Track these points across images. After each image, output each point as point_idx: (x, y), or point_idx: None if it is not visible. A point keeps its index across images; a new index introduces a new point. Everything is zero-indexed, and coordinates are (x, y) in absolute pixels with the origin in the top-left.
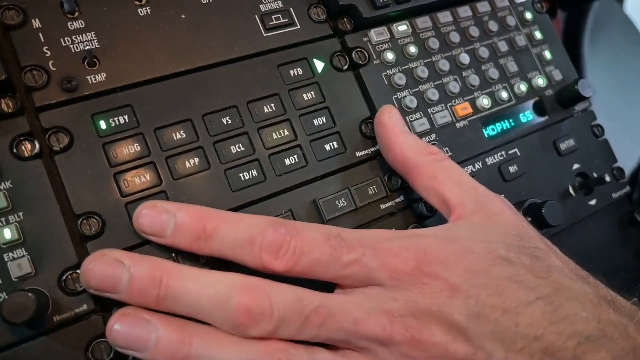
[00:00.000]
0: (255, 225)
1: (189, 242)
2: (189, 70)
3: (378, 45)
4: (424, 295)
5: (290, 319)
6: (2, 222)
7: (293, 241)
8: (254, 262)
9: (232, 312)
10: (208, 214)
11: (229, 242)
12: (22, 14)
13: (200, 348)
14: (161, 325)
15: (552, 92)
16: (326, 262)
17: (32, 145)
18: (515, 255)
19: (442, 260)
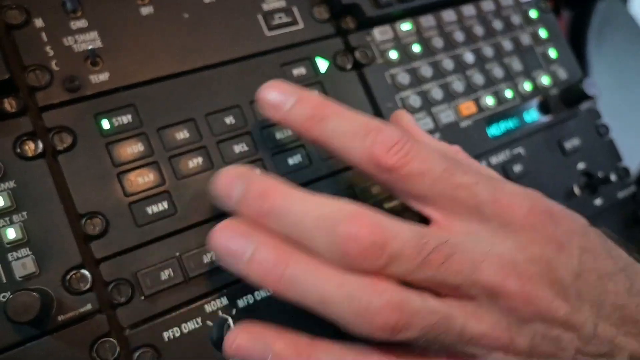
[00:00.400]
0: (372, 122)
1: (303, 119)
2: (192, 69)
3: (381, 45)
4: (533, 243)
5: (407, 255)
6: (6, 222)
7: (409, 144)
8: (361, 154)
9: (338, 238)
10: (329, 104)
11: (341, 129)
12: (24, 13)
13: (296, 271)
14: (260, 241)
15: (557, 91)
16: (436, 175)
17: (35, 145)
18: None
19: (551, 213)
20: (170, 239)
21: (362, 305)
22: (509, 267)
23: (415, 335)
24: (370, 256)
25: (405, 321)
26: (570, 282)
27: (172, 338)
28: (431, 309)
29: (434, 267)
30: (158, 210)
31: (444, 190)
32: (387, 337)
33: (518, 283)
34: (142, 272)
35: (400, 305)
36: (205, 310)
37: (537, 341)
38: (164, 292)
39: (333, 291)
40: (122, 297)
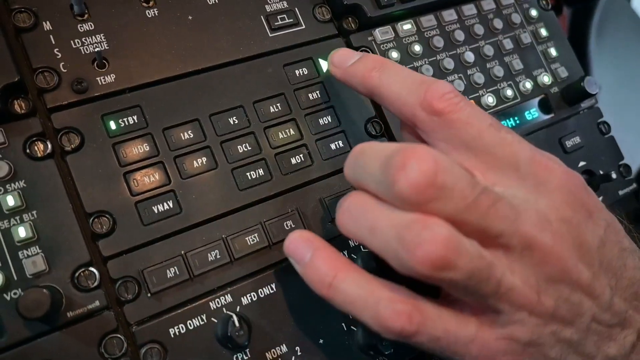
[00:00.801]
0: (427, 76)
1: (364, 69)
2: (196, 70)
3: (383, 44)
4: (566, 205)
5: (458, 191)
6: (16, 221)
7: (460, 97)
8: (415, 99)
9: (390, 169)
10: (389, 60)
11: (398, 78)
12: (33, 16)
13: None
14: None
15: (558, 89)
16: (482, 127)
17: (44, 145)
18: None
19: (584, 184)
20: (176, 237)
21: (410, 236)
22: (544, 222)
23: (458, 277)
24: (420, 186)
25: (453, 258)
26: (595, 249)
27: (178, 334)
28: (479, 253)
29: (482, 210)
30: (164, 209)
31: (488, 143)
32: (429, 273)
33: (552, 239)
34: (148, 270)
35: (449, 240)
36: (210, 307)
37: (560, 303)
38: (169, 289)
39: (384, 223)
40: (129, 295)
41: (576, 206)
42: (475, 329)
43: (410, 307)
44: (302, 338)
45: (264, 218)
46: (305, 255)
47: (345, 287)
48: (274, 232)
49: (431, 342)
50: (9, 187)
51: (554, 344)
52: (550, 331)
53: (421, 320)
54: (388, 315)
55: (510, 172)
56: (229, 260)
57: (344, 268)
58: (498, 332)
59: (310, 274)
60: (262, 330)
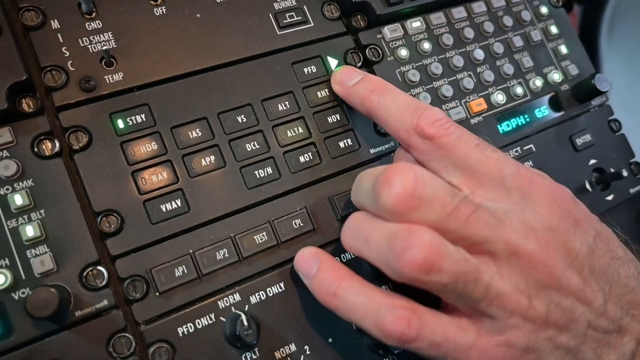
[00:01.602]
0: (422, 103)
1: (365, 91)
2: (204, 69)
3: (392, 42)
4: (552, 215)
5: (438, 201)
6: (24, 220)
7: (450, 123)
8: (409, 123)
9: (376, 185)
10: (389, 84)
11: (396, 102)
12: (41, 15)
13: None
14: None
15: (568, 87)
16: (469, 148)
17: (52, 144)
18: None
19: (572, 196)
20: (184, 236)
21: (398, 242)
22: (529, 230)
23: (446, 280)
24: (401, 196)
25: (437, 261)
26: (584, 256)
27: (187, 333)
28: (464, 257)
29: (463, 217)
30: (172, 208)
31: (475, 162)
32: (416, 276)
33: (537, 245)
34: (156, 268)
35: (433, 244)
36: (219, 306)
37: (552, 308)
38: (178, 288)
39: (375, 233)
40: (137, 294)
41: (562, 216)
42: (474, 336)
43: (409, 313)
44: (311, 337)
45: (273, 217)
46: (312, 268)
47: (348, 295)
48: (282, 231)
49: (432, 348)
50: (17, 186)
51: (551, 350)
52: (546, 337)
53: (420, 325)
54: (388, 320)
55: (496, 187)
56: (238, 259)
57: (347, 278)
58: (496, 338)
59: (316, 285)
60: (270, 329)
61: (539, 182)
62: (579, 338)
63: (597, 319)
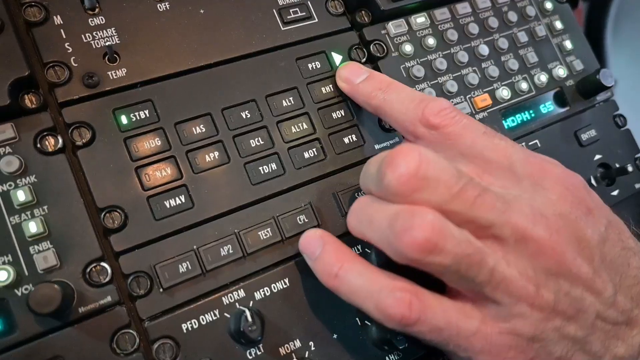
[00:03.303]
0: (427, 95)
1: (370, 89)
2: (208, 64)
3: (396, 38)
4: (563, 202)
5: (443, 182)
6: (27, 216)
7: (455, 112)
8: (414, 115)
9: (381, 166)
10: (394, 80)
11: (401, 97)
12: (44, 10)
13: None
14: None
15: (573, 82)
16: (476, 136)
17: (55, 140)
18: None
19: (584, 184)
20: (188, 232)
21: (400, 223)
22: (538, 216)
23: (447, 261)
24: (404, 177)
25: (439, 242)
26: (595, 245)
27: (191, 330)
28: (467, 239)
29: (469, 200)
30: (175, 204)
31: (482, 149)
32: (417, 256)
33: (547, 231)
34: (160, 265)
35: (435, 224)
36: (223, 302)
37: (560, 297)
38: (182, 284)
39: (379, 215)
40: (141, 290)
41: (574, 203)
42: (478, 322)
43: (410, 295)
44: (315, 333)
45: (277, 212)
46: (316, 250)
47: (350, 277)
48: (287, 227)
49: (433, 332)
50: (19, 182)
51: (558, 340)
52: (553, 326)
53: (421, 308)
54: (389, 303)
55: (506, 173)
56: (242, 255)
57: (350, 260)
58: (501, 326)
59: (319, 267)
60: (275, 325)
61: (550, 169)
62: (587, 329)
63: (607, 310)
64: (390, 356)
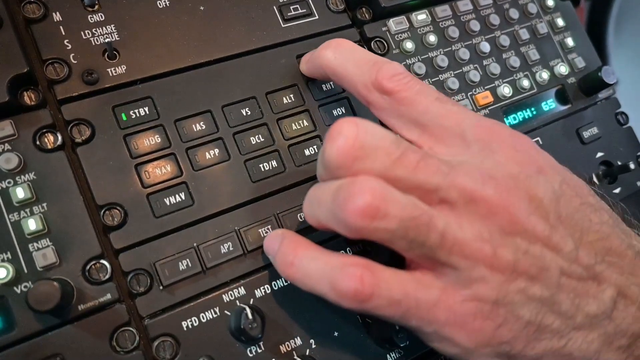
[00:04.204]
0: (381, 58)
1: (322, 51)
2: (208, 61)
3: (397, 35)
4: (513, 162)
5: (381, 149)
6: (26, 213)
7: (409, 77)
8: (367, 79)
9: (324, 144)
10: (348, 42)
11: (354, 57)
12: (42, 7)
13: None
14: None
15: (575, 79)
16: (428, 102)
17: (54, 137)
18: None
19: (536, 146)
20: (188, 229)
21: (342, 194)
22: (487, 177)
23: (393, 226)
24: (342, 148)
25: (381, 206)
26: (548, 202)
27: (191, 327)
28: (412, 202)
29: (410, 165)
30: (175, 201)
31: (434, 116)
32: (361, 223)
33: (496, 191)
34: (160, 262)
35: (376, 189)
36: (223, 299)
37: (519, 256)
38: (182, 282)
39: (324, 194)
40: (141, 287)
41: (524, 163)
42: (438, 292)
43: (361, 269)
44: (316, 331)
45: (278, 210)
46: (275, 246)
47: (304, 262)
48: (287, 224)
49: (391, 306)
50: (18, 179)
51: (524, 303)
52: (517, 288)
53: (374, 281)
54: (340, 279)
55: (456, 140)
56: (242, 253)
57: (305, 247)
58: (462, 293)
59: (278, 260)
60: (276, 323)
61: (498, 131)
62: (553, 287)
63: (570, 266)
64: (391, 354)
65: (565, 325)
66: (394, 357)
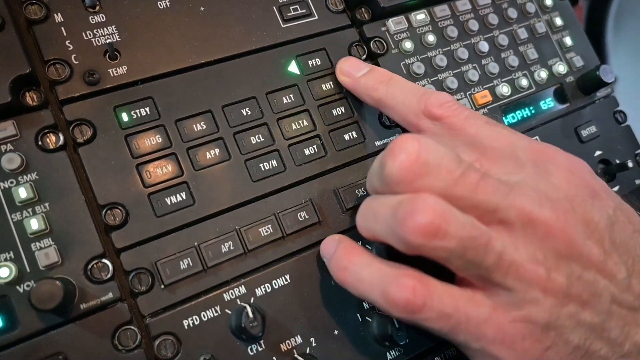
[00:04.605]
0: (428, 89)
1: (372, 82)
2: (209, 62)
3: (396, 35)
4: (568, 185)
5: (444, 167)
6: (29, 213)
7: (457, 104)
8: (417, 108)
9: (383, 161)
10: (395, 75)
11: (403, 90)
12: (44, 8)
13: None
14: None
15: (573, 78)
16: (479, 125)
17: (56, 137)
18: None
19: (589, 169)
20: (189, 229)
21: (402, 210)
22: (543, 199)
23: (452, 245)
24: (404, 164)
25: (442, 225)
26: (604, 227)
27: (192, 326)
28: (472, 222)
29: (471, 184)
30: (176, 200)
31: (485, 138)
32: (421, 241)
33: (554, 214)
34: (161, 261)
35: (437, 207)
36: (224, 298)
37: (573, 281)
38: (183, 281)
39: (383, 208)
40: (142, 286)
41: (580, 186)
42: (489, 310)
43: (415, 281)
44: (317, 329)
45: (278, 209)
46: (332, 250)
47: (357, 268)
48: (287, 223)
49: (441, 319)
50: (21, 179)
51: (574, 328)
52: (568, 312)
53: (427, 293)
54: (393, 289)
55: (509, 161)
56: (243, 252)
57: (359, 253)
58: (513, 314)
59: (332, 263)
60: (276, 321)
61: (554, 154)
62: (603, 314)
63: (622, 294)
64: (391, 352)
65: (613, 352)
66: (394, 355)
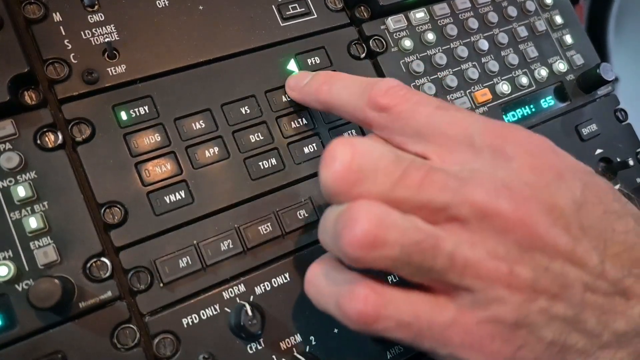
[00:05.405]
0: (372, 78)
1: (316, 86)
2: (208, 60)
3: (395, 33)
4: (529, 169)
5: (381, 170)
6: (27, 212)
7: (404, 89)
8: (362, 102)
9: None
10: (337, 73)
11: (345, 86)
12: (43, 8)
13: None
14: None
15: (574, 76)
16: (429, 112)
17: (55, 136)
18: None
19: (553, 147)
20: (188, 227)
21: (340, 223)
22: (501, 188)
23: (395, 254)
24: (340, 174)
25: (380, 233)
26: (570, 211)
27: (191, 324)
28: (414, 225)
29: (414, 183)
30: (175, 199)
31: (438, 125)
32: (361, 254)
33: (512, 204)
34: (160, 260)
35: (372, 215)
36: (223, 297)
37: (539, 274)
38: (182, 279)
39: (327, 221)
40: (141, 285)
41: (542, 169)
42: (453, 313)
43: (367, 290)
44: (316, 328)
45: (277, 207)
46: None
47: (316, 280)
48: (287, 222)
49: (401, 329)
50: (19, 178)
51: (546, 323)
52: (538, 308)
53: (380, 302)
54: (346, 301)
55: (465, 148)
56: (242, 250)
57: (319, 263)
58: (479, 315)
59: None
60: (275, 319)
61: (512, 134)
62: (577, 306)
63: (595, 281)
64: (391, 350)
65: (591, 344)
66: (394, 354)
